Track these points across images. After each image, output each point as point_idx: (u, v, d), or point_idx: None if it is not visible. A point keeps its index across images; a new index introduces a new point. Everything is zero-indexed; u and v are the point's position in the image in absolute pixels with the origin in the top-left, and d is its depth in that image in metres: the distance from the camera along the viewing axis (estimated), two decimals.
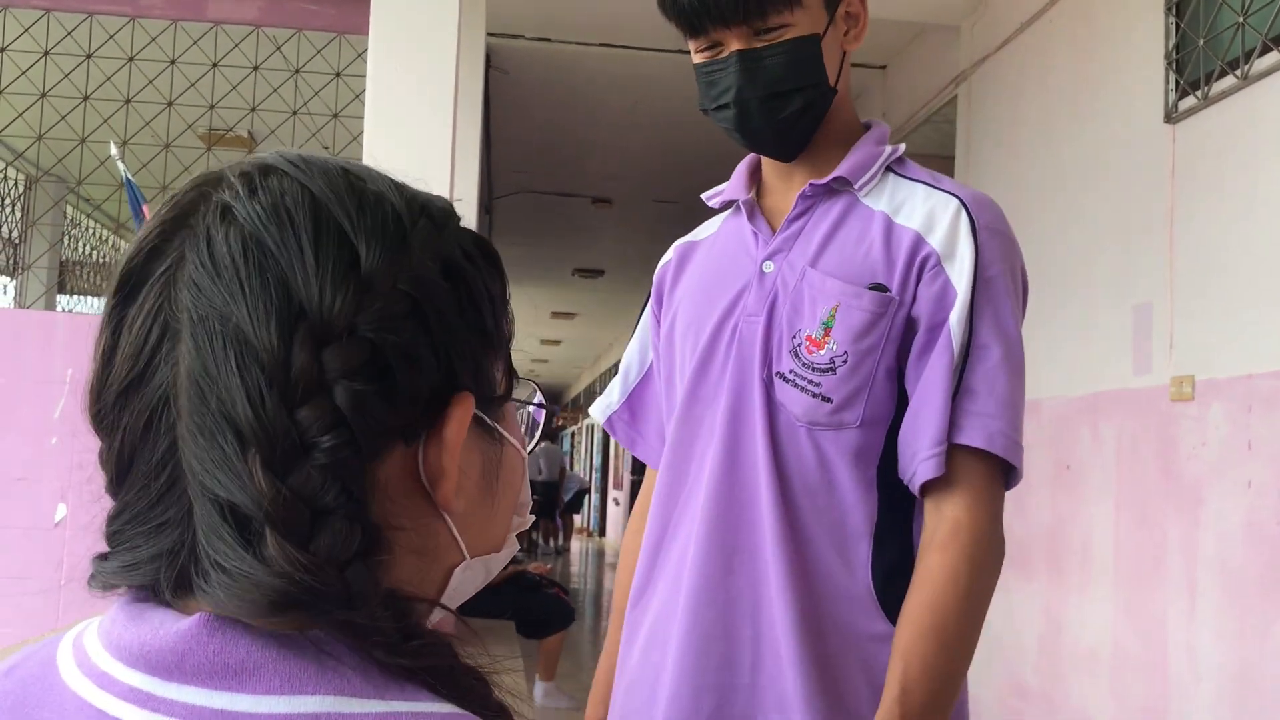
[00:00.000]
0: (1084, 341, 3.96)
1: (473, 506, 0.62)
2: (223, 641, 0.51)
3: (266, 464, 0.51)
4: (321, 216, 0.55)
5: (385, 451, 0.55)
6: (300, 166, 0.58)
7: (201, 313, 0.53)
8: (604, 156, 8.04)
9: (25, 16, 5.25)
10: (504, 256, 2.78)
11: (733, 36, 1.29)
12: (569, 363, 21.31)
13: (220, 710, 0.50)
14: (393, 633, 0.52)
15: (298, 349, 0.52)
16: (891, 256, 1.27)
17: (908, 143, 5.23)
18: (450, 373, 0.58)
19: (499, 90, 6.64)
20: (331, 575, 0.51)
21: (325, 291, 0.53)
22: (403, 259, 0.56)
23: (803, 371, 1.26)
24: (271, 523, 0.50)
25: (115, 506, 0.56)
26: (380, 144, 3.07)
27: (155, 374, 0.54)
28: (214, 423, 0.52)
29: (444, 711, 0.52)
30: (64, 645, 0.56)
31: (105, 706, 0.52)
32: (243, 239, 0.54)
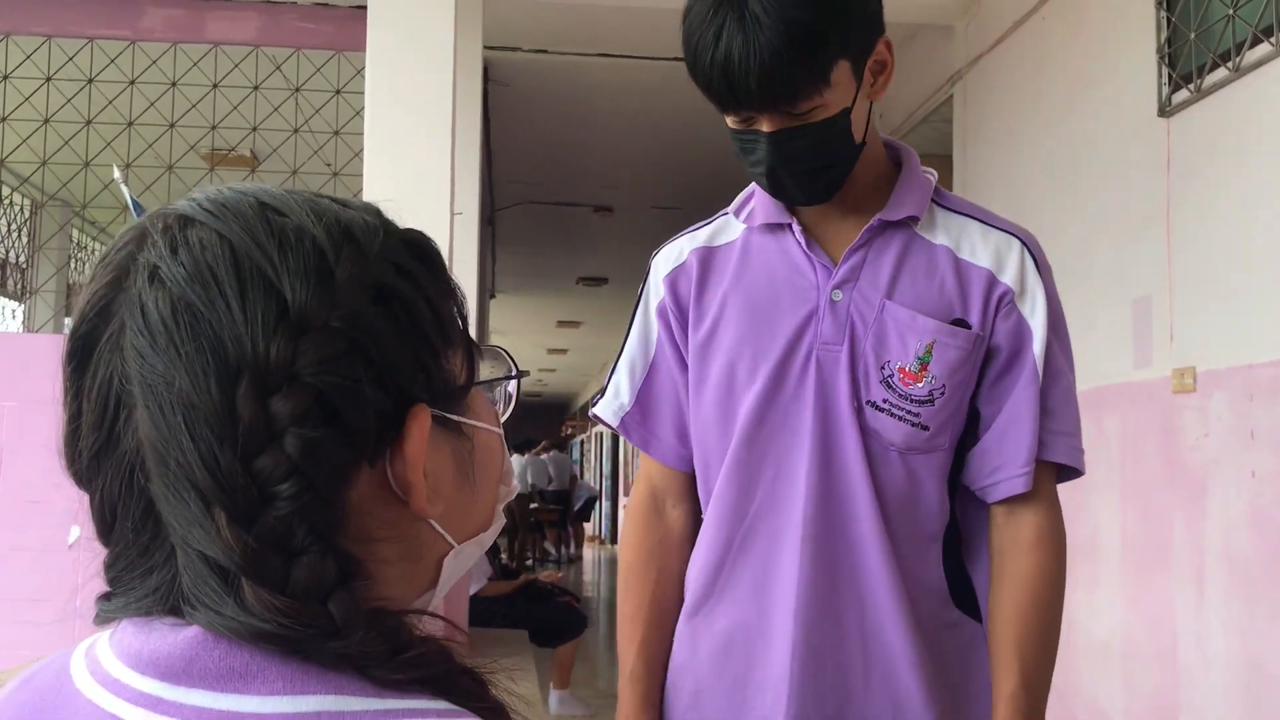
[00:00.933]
0: (1085, 336, 3.97)
1: (452, 500, 0.63)
2: (227, 646, 0.54)
3: (231, 519, 0.52)
4: (243, 267, 0.56)
5: (349, 479, 0.57)
6: (217, 214, 0.58)
7: (149, 380, 0.54)
8: (604, 165, 8.07)
9: (27, 43, 5.29)
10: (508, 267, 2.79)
11: (764, 116, 1.32)
12: (576, 371, 21.32)
13: (226, 711, 0.52)
14: (384, 653, 0.54)
15: (241, 404, 0.53)
16: (966, 292, 1.39)
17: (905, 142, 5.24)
18: (401, 393, 0.59)
19: (498, 103, 6.68)
20: (314, 610, 0.53)
21: (259, 343, 0.54)
22: (331, 295, 0.56)
23: (899, 402, 1.36)
24: (245, 574, 0.52)
25: (109, 555, 0.58)
26: (379, 160, 3.09)
27: (120, 440, 0.56)
28: (177, 483, 0.54)
29: (440, 708, 0.54)
30: (77, 655, 0.59)
31: (118, 711, 0.54)
32: (171, 303, 0.55)
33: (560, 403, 27.42)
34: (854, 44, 1.31)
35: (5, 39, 5.28)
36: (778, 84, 1.26)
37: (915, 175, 1.45)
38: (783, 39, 1.23)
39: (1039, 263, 1.44)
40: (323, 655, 0.53)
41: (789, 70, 1.25)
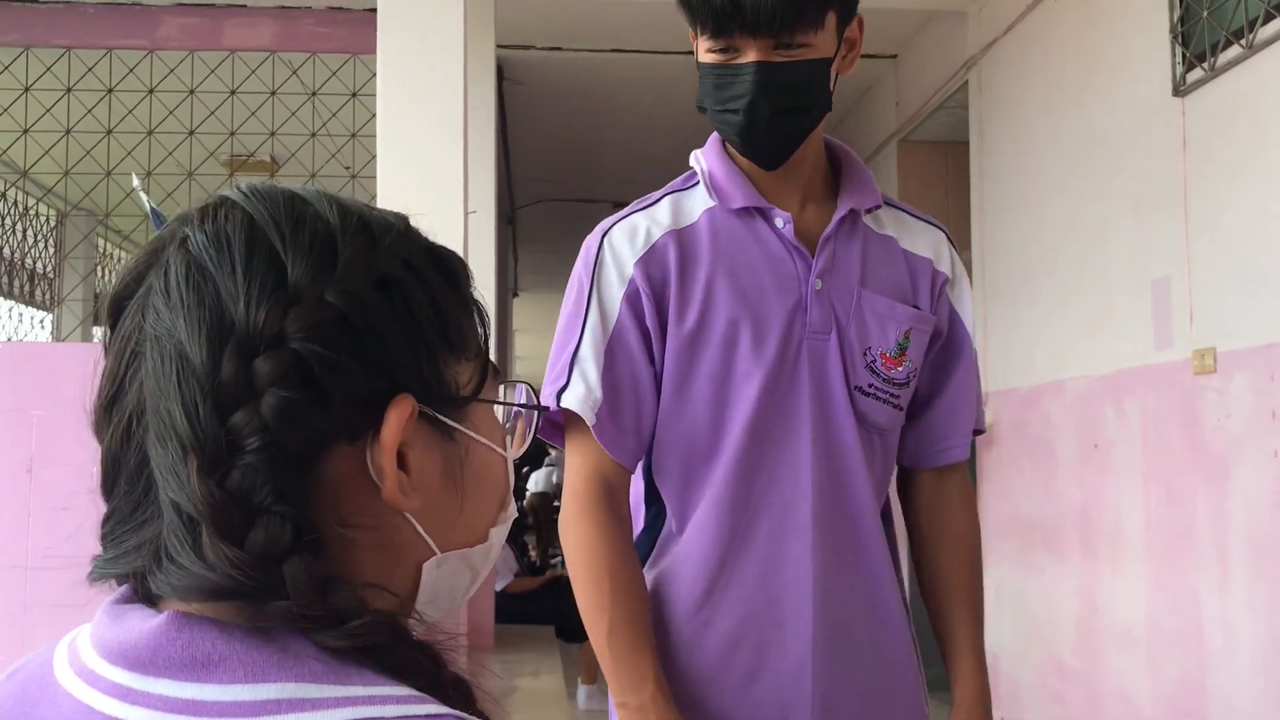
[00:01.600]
0: (1104, 320, 3.95)
1: (435, 504, 0.64)
2: (190, 636, 0.55)
3: (201, 468, 0.55)
4: (256, 238, 0.59)
5: (326, 453, 0.59)
6: (249, 196, 0.62)
7: (157, 333, 0.58)
8: (622, 161, 8.09)
9: (47, 55, 5.35)
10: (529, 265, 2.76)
11: (753, 46, 1.31)
12: None
13: (190, 700, 0.54)
14: (329, 616, 0.55)
15: (226, 360, 0.56)
16: (916, 281, 1.46)
17: (922, 130, 5.23)
18: (387, 378, 0.60)
19: (514, 101, 6.70)
20: (266, 569, 0.55)
21: (252, 306, 0.57)
22: (330, 273, 0.59)
23: (883, 386, 1.41)
24: (204, 521, 0.55)
25: (107, 510, 0.61)
26: (393, 161, 3.11)
27: (126, 393, 0.59)
28: (164, 432, 0.56)
29: (400, 693, 0.55)
30: (60, 647, 0.61)
31: (92, 702, 0.56)
32: (188, 264, 0.59)
33: None
34: (844, 1, 1.36)
35: (25, 51, 5.34)
36: (787, 6, 1.27)
37: (861, 165, 1.48)
38: None
39: (958, 253, 1.54)
40: (267, 615, 0.55)
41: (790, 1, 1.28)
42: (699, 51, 1.37)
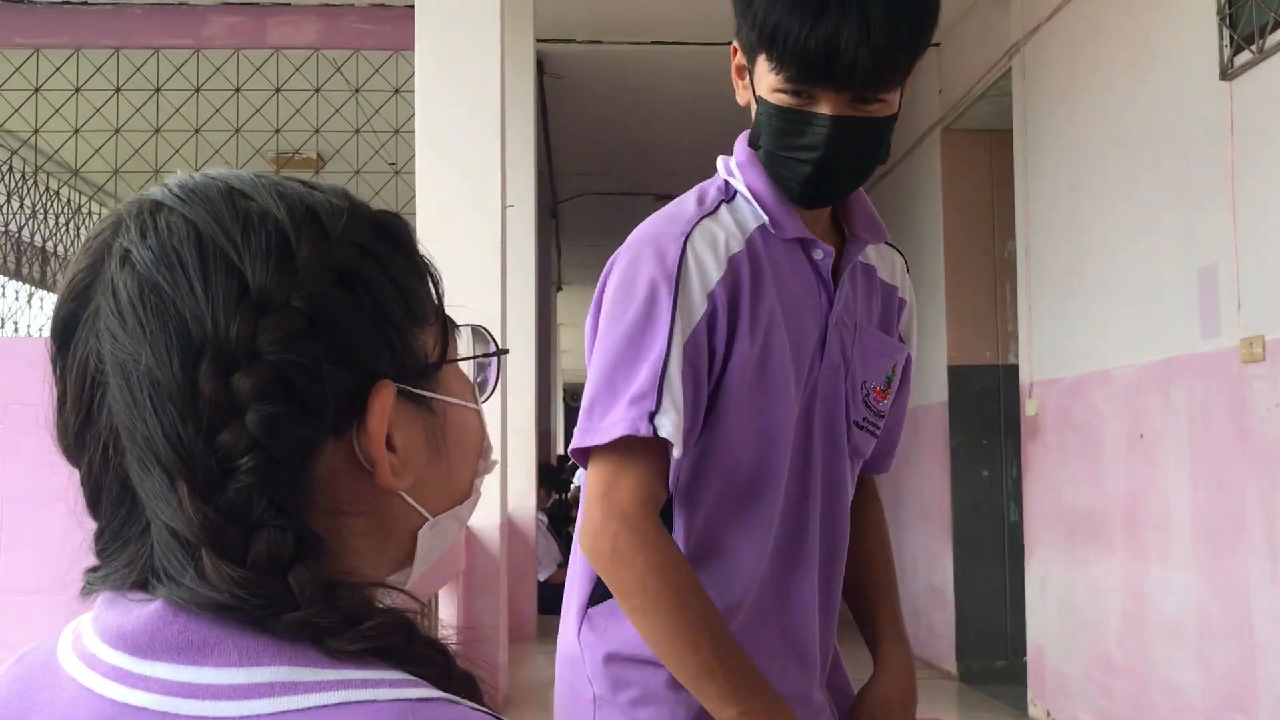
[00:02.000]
0: (1150, 308, 3.90)
1: (423, 474, 0.64)
2: (186, 621, 0.56)
3: (192, 492, 0.54)
4: (207, 249, 0.57)
5: (314, 453, 0.58)
6: (186, 199, 0.60)
7: (119, 359, 0.56)
8: (664, 153, 8.07)
9: (97, 56, 5.44)
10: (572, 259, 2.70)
11: (832, 98, 1.24)
12: None
13: (186, 683, 0.54)
14: (341, 621, 0.56)
15: (203, 381, 0.55)
16: (889, 310, 1.47)
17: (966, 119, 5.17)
18: (363, 370, 0.60)
19: (555, 95, 6.71)
20: (272, 582, 0.55)
21: (220, 323, 0.56)
22: (291, 276, 0.58)
23: (873, 418, 1.43)
24: (206, 545, 0.55)
25: (97, 528, 0.61)
26: (431, 157, 3.13)
27: (97, 420, 0.58)
28: (144, 458, 0.56)
29: (395, 677, 0.56)
30: (65, 633, 0.62)
31: (92, 684, 0.57)
32: (139, 285, 0.57)
33: None
34: (918, 58, 1.28)
35: (76, 53, 5.43)
36: (883, 65, 1.20)
37: (865, 197, 1.43)
38: (898, 22, 1.20)
39: (909, 271, 1.54)
40: (279, 627, 0.55)
41: (895, 55, 1.21)
42: (760, 82, 1.28)
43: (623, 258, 1.31)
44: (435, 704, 0.55)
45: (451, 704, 0.55)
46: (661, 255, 1.27)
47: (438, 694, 0.56)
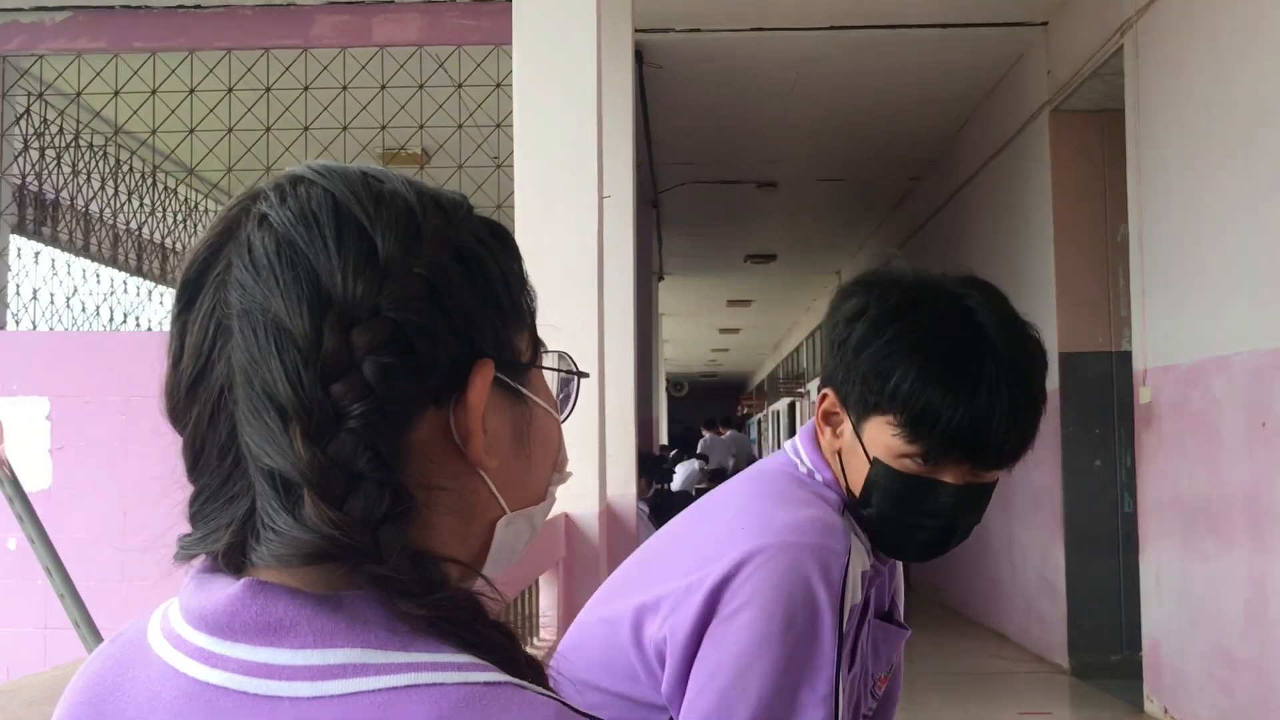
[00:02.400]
0: (1271, 290, 3.74)
1: (507, 463, 0.67)
2: (264, 603, 0.58)
3: (305, 434, 0.57)
4: (343, 215, 0.62)
5: (416, 417, 0.61)
6: (324, 174, 0.65)
7: (246, 307, 0.60)
8: (765, 140, 8.03)
9: (209, 58, 5.61)
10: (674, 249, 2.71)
11: (957, 470, 1.22)
12: (750, 350, 21.29)
13: (264, 664, 0.57)
14: (416, 585, 0.58)
15: (328, 332, 0.58)
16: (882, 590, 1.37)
17: (1075, 99, 5.04)
18: (470, 343, 0.64)
19: (654, 85, 6.72)
20: (362, 533, 0.57)
21: (349, 280, 0.60)
22: (416, 247, 0.62)
23: (872, 703, 1.37)
24: (310, 485, 0.57)
25: (194, 490, 0.63)
26: (529, 149, 3.15)
27: (214, 368, 0.61)
28: (260, 403, 0.59)
29: (463, 661, 0.57)
30: (156, 614, 0.65)
31: (176, 664, 0.60)
32: (276, 240, 0.61)
33: (735, 382, 27.41)
34: None
35: (190, 56, 5.60)
36: (1027, 443, 1.22)
37: None
38: (1037, 402, 1.22)
39: None
40: (360, 576, 0.58)
41: (1034, 433, 1.22)
42: (876, 443, 1.23)
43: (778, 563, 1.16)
44: (501, 688, 0.56)
45: (518, 688, 0.56)
46: (826, 574, 1.17)
47: (505, 678, 0.57)
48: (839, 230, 11.18)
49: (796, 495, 1.27)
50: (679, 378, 24.07)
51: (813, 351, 16.25)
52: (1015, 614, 6.89)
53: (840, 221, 10.77)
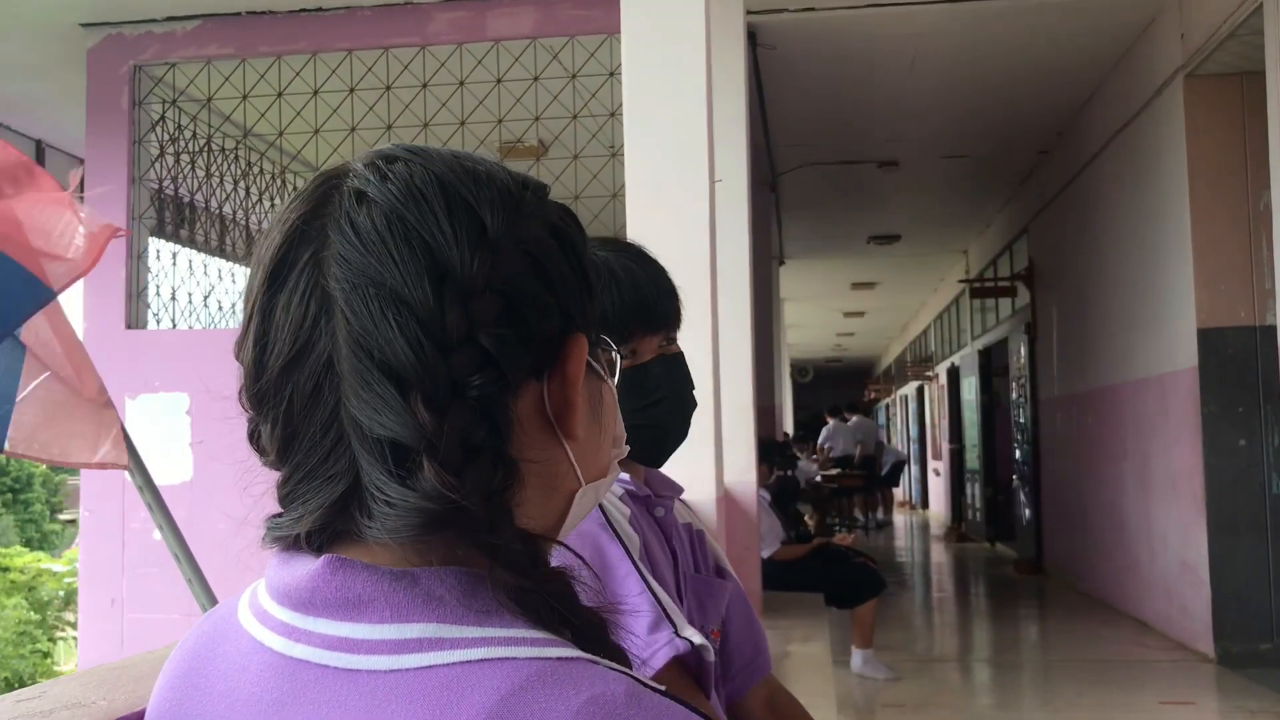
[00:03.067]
0: None
1: (586, 436, 0.69)
2: (344, 579, 0.59)
3: (428, 402, 0.58)
4: (450, 193, 0.63)
5: (523, 388, 0.63)
6: (419, 154, 0.66)
7: (355, 282, 0.60)
8: (885, 118, 7.87)
9: (332, 59, 5.75)
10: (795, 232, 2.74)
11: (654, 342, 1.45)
12: (875, 333, 20.95)
13: (344, 638, 0.58)
14: (523, 558, 0.59)
15: (449, 304, 0.60)
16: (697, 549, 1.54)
17: (1211, 62, 4.83)
18: (567, 317, 0.66)
19: (769, 67, 6.64)
20: (477, 503, 0.58)
21: (464, 254, 0.61)
22: (519, 224, 0.65)
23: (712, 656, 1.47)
24: (431, 452, 0.58)
25: (284, 473, 0.64)
26: (639, 135, 3.15)
27: (316, 345, 0.61)
28: (374, 374, 0.59)
29: (538, 636, 0.57)
30: (246, 592, 0.67)
31: (263, 638, 0.61)
32: (385, 216, 0.62)
33: (862, 367, 27.05)
34: None
35: (313, 57, 5.76)
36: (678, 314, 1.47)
37: None
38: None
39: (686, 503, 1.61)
40: (473, 546, 0.59)
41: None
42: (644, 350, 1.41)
43: None
44: (575, 663, 0.56)
45: (591, 664, 0.56)
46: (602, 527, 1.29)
47: (578, 653, 0.57)
48: (964, 208, 10.91)
49: None
50: (804, 364, 23.84)
51: (941, 333, 15.92)
52: (1155, 600, 6.64)
53: (965, 199, 10.51)
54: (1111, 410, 7.43)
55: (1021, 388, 10.31)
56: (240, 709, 0.59)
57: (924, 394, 18.98)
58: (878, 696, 5.35)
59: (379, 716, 0.54)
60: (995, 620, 8.03)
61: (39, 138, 7.72)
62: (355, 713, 0.55)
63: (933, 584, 10.17)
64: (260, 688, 0.59)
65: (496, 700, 0.53)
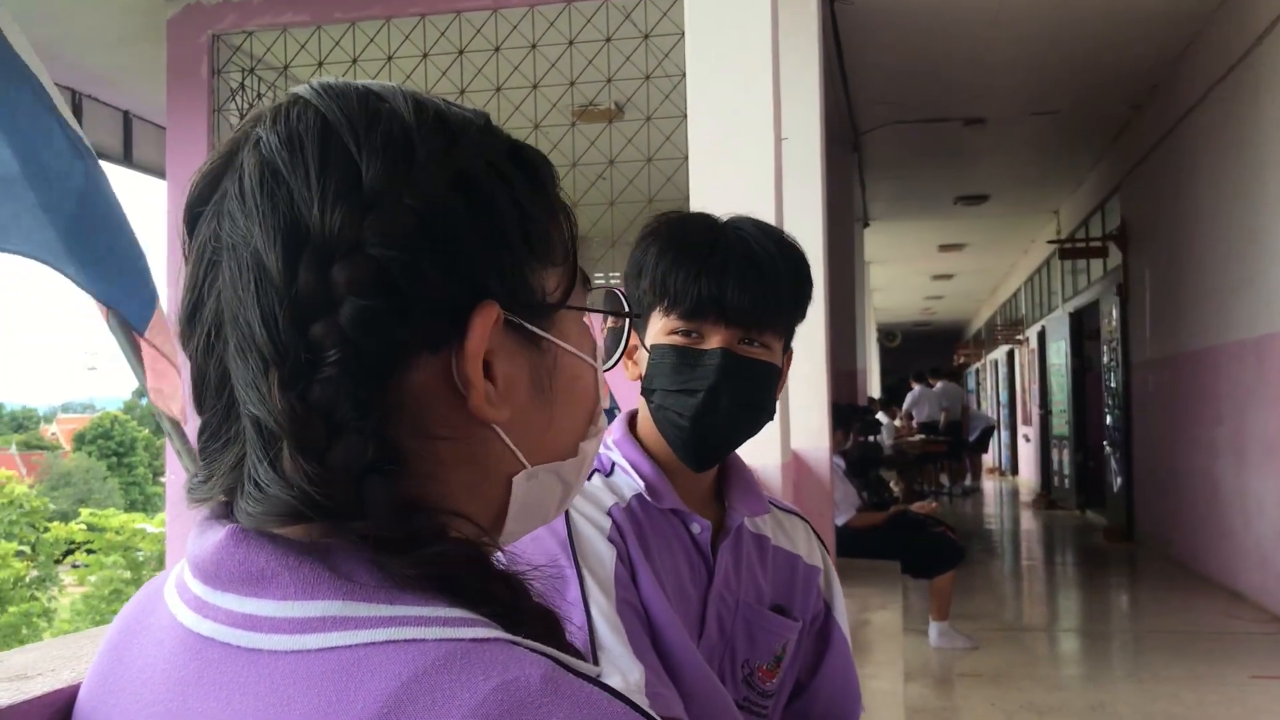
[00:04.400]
0: None
1: (524, 414, 0.62)
2: (247, 551, 0.55)
3: (283, 381, 0.53)
4: (329, 139, 0.57)
5: (408, 362, 0.56)
6: (323, 94, 0.59)
7: (233, 241, 0.56)
8: (971, 74, 7.65)
9: (405, 25, 5.75)
10: (878, 191, 2.68)
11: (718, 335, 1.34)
12: (964, 297, 20.54)
13: (249, 615, 0.54)
14: (404, 541, 0.53)
15: (303, 269, 0.54)
16: (790, 580, 1.44)
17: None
18: (470, 284, 0.58)
19: (848, 22, 6.49)
20: (344, 487, 0.53)
21: (327, 211, 0.55)
22: (408, 173, 0.57)
23: (756, 699, 1.38)
24: (286, 435, 0.53)
25: (200, 424, 0.60)
26: (702, 93, 3.10)
27: (205, 303, 0.57)
28: (244, 345, 0.55)
29: (452, 616, 0.52)
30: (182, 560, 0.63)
31: (177, 613, 0.58)
32: (261, 167, 0.56)
33: (951, 331, 26.59)
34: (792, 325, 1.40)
35: (387, 23, 5.76)
36: (756, 313, 1.32)
37: (747, 469, 1.45)
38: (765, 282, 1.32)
39: (820, 538, 1.52)
40: (344, 534, 0.54)
41: (762, 306, 1.33)
42: (653, 333, 1.34)
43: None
44: (489, 645, 0.51)
45: (510, 646, 0.51)
46: (551, 529, 1.23)
47: (497, 635, 0.52)
48: (1054, 166, 10.59)
49: None
50: (891, 328, 23.49)
51: (1032, 295, 15.55)
52: (1249, 570, 6.42)
53: (1055, 157, 10.20)
54: (1206, 373, 7.18)
55: (1113, 351, 10.03)
56: (154, 686, 0.56)
57: (1014, 359, 18.59)
58: (954, 665, 5.26)
59: (277, 700, 0.50)
60: (1081, 588, 7.85)
61: (126, 109, 7.89)
62: (255, 696, 0.51)
63: (1020, 551, 9.98)
64: (171, 665, 0.56)
65: (398, 686, 0.49)
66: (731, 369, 1.29)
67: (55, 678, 0.71)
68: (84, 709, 0.61)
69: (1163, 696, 4.63)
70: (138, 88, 7.38)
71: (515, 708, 0.48)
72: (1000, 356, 20.50)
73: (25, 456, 35.29)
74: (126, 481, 34.94)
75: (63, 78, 7.35)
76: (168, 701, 0.55)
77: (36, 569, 15.98)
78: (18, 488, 17.38)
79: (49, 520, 17.29)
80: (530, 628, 0.55)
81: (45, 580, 16.26)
